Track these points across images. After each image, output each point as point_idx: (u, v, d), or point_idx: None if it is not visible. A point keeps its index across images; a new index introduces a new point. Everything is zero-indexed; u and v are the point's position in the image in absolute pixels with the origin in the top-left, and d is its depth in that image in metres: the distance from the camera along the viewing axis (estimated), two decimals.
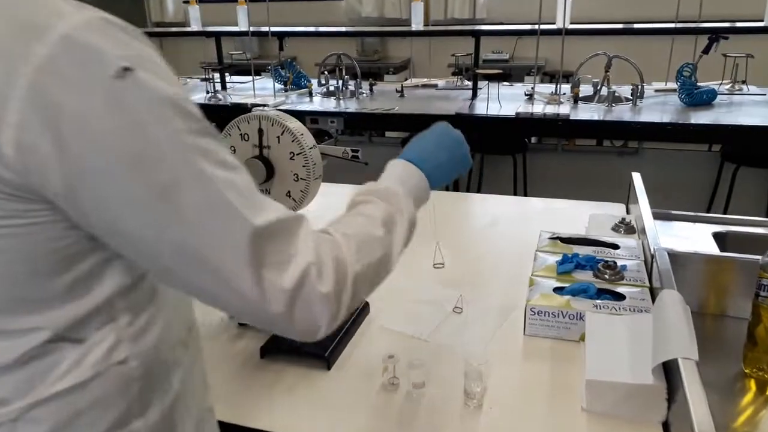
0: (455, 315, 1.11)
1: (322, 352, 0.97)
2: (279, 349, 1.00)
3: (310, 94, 3.51)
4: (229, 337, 1.07)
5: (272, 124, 0.80)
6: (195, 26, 3.63)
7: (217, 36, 3.57)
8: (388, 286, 0.68)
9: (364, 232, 0.63)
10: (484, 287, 1.23)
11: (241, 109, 3.24)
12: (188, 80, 3.86)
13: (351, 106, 3.30)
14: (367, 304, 1.11)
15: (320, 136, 0.97)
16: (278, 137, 0.80)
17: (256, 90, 3.38)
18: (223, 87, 3.65)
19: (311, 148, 0.82)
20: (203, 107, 3.15)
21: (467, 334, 1.05)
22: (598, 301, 1.01)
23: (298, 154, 0.83)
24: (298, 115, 3.03)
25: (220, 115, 3.30)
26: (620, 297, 1.03)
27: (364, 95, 3.53)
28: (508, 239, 1.48)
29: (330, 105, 3.32)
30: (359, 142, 3.44)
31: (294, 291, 0.52)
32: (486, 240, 1.51)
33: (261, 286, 0.51)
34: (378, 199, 0.69)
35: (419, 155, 0.79)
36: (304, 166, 0.83)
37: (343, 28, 4.86)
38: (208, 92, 3.40)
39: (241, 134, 0.84)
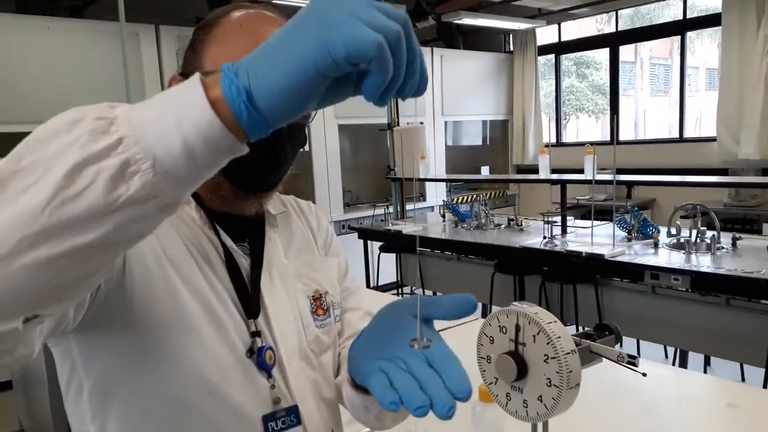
0: None
1: None
2: None
3: (656, 246, 3.22)
4: None
5: (529, 322, 0.76)
6: (543, 173, 3.82)
7: (563, 183, 3.66)
8: None
9: None
10: None
11: (574, 256, 3.19)
12: (531, 222, 4.02)
13: (704, 262, 2.89)
14: None
15: (601, 330, 0.88)
16: (534, 336, 0.76)
17: (595, 237, 3.27)
18: (564, 231, 3.66)
19: (567, 353, 0.74)
20: (538, 252, 3.15)
21: None
22: None
23: (552, 358, 0.76)
24: (636, 268, 2.78)
25: (551, 261, 3.29)
26: None
27: (724, 250, 3.05)
28: None
29: (677, 260, 2.97)
30: (712, 304, 2.94)
31: None
32: None
33: None
34: None
35: None
36: (557, 372, 0.75)
37: (701, 178, 4.39)
38: (544, 237, 3.45)
39: (500, 326, 0.82)
